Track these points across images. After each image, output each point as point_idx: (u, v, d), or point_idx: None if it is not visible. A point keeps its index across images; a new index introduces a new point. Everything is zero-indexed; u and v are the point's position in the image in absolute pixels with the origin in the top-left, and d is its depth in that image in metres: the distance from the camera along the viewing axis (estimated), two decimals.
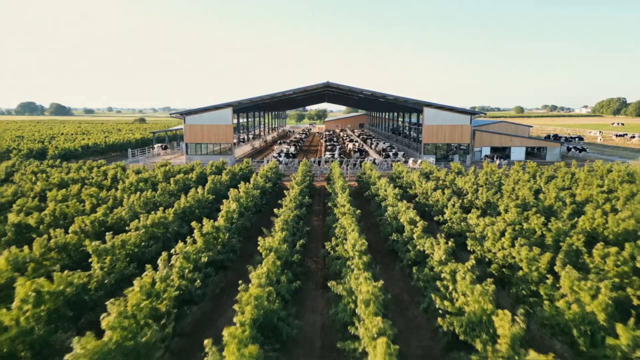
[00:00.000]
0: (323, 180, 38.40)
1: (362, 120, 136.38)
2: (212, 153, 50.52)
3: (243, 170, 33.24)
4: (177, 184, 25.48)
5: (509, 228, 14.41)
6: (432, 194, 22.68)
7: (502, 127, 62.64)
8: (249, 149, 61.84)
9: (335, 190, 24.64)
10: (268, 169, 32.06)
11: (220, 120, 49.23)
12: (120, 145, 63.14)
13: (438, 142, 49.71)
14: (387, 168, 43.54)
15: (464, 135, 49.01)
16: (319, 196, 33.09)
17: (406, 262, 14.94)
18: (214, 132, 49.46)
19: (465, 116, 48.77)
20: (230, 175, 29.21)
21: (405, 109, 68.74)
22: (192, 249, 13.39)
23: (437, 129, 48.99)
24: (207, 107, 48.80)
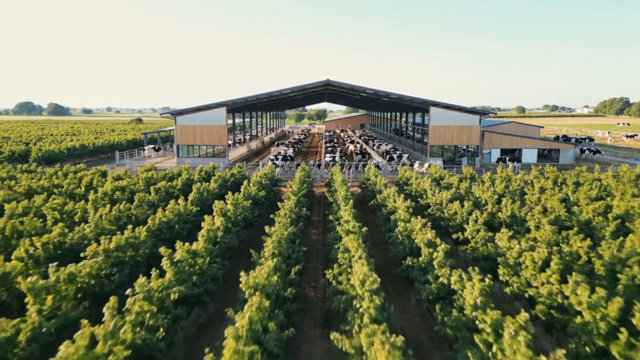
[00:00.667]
0: (323, 185, 35.66)
1: (363, 121, 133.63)
2: (205, 155, 47.76)
3: (235, 176, 30.49)
4: (158, 193, 22.70)
5: (555, 257, 11.62)
6: (448, 206, 19.92)
7: (511, 128, 59.92)
8: (244, 150, 59.10)
9: (337, 201, 21.90)
10: (262, 174, 29.32)
11: (214, 121, 46.46)
12: (109, 146, 60.35)
13: (445, 144, 46.95)
14: (391, 172, 40.80)
15: (473, 136, 46.25)
16: (319, 205, 30.36)
17: (426, 295, 12.18)
18: (207, 133, 46.70)
19: (474, 116, 46.03)
20: (220, 183, 26.46)
21: (409, 108, 66.01)
22: (158, 285, 10.64)
23: (444, 130, 46.23)
24: (199, 107, 46.05)
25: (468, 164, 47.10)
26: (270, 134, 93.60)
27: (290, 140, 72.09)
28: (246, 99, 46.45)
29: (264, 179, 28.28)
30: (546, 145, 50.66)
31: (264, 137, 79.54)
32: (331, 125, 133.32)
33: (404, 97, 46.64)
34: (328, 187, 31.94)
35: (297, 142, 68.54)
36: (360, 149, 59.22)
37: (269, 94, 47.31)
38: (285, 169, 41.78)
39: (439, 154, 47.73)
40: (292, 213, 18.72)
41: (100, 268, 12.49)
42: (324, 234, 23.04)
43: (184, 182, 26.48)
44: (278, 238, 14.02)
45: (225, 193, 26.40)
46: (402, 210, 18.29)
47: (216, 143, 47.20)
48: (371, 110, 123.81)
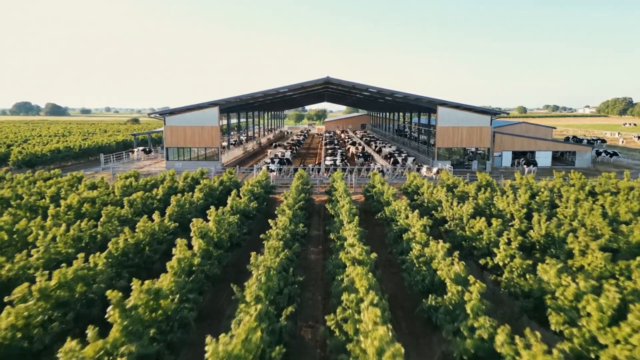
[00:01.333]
0: (323, 192, 32.79)
1: (364, 121, 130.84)
2: (197, 158, 44.87)
3: (225, 184, 27.62)
4: (133, 205, 19.83)
5: (635, 307, 8.74)
6: (470, 222, 17.05)
7: (522, 129, 57.09)
8: (240, 153, 56.24)
9: (340, 215, 19.07)
10: (255, 182, 26.46)
11: (206, 121, 43.60)
12: (97, 149, 57.45)
13: (454, 146, 44.08)
14: (398, 177, 37.93)
15: (484, 138, 43.39)
16: (319, 217, 27.55)
17: (458, 354, 9.30)
18: (198, 135, 43.83)
19: (484, 117, 43.17)
20: (206, 192, 23.60)
21: (414, 108, 63.21)
22: (96, 349, 7.79)
23: (452, 131, 43.37)
24: (190, 106, 43.19)
25: (478, 167, 44.23)
26: (268, 135, 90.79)
27: (288, 142, 69.24)
28: (240, 98, 43.60)
29: (256, 187, 25.43)
30: (561, 148, 47.79)
31: (261, 139, 76.68)
32: (331, 125, 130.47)
33: (409, 96, 43.81)
34: (329, 196, 29.15)
35: (295, 143, 65.69)
36: (362, 151, 56.39)
37: (265, 93, 44.49)
38: (282, 173, 38.91)
39: (446, 156, 44.88)
40: (287, 231, 15.87)
41: (30, 315, 9.61)
42: (324, 254, 20.25)
43: (166, 192, 23.59)
44: (265, 271, 11.15)
45: (212, 204, 23.59)
46: (418, 230, 15.43)
47: (208, 145, 44.34)
48: (372, 111, 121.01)
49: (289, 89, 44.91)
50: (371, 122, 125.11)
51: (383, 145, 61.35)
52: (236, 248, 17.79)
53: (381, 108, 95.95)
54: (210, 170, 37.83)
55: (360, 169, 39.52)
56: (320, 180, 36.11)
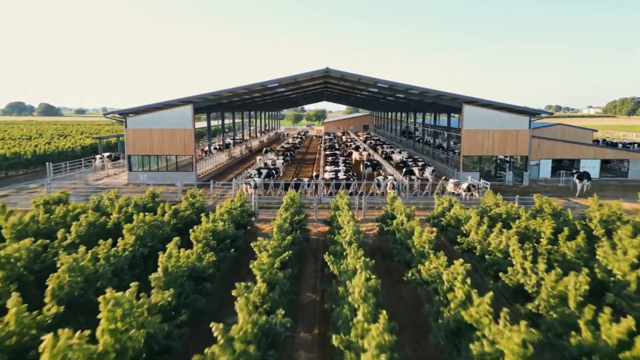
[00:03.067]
0: (322, 221, 25.14)
1: (367, 121, 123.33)
2: (166, 168, 37.13)
3: (184, 213, 19.95)
4: (32, 254, 12.16)
5: None
6: (585, 314, 9.32)
7: (557, 132, 49.50)
8: (223, 159, 48.50)
9: (348, 269, 11.64)
10: (224, 211, 18.83)
11: (177, 123, 35.92)
12: (57, 154, 49.74)
13: (483, 154, 36.40)
14: (414, 194, 30.21)
15: (521, 144, 35.77)
16: (314, 257, 19.84)
17: None
18: (168, 140, 36.14)
19: (522, 117, 35.55)
20: (144, 232, 15.89)
21: (430, 108, 55.52)
22: None
23: (482, 136, 35.73)
24: (157, 105, 35.51)
25: (515, 181, 36.54)
26: (261, 137, 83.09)
27: (282, 146, 61.53)
28: (218, 94, 35.90)
29: (224, 222, 17.78)
30: (611, 155, 40.12)
31: (252, 142, 68.93)
32: (331, 126, 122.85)
33: (428, 92, 36.11)
34: (329, 227, 21.54)
35: (290, 148, 57.95)
36: (367, 157, 48.68)
37: (249, 88, 36.78)
38: (270, 189, 31.16)
39: (472, 166, 37.18)
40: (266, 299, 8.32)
41: None
42: (322, 300, 12.75)
43: (83, 234, 15.90)
44: None
45: (151, 252, 15.98)
46: (483, 315, 7.75)
47: (180, 153, 36.61)
48: (375, 110, 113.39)
49: (279, 83, 37.24)
50: (374, 122, 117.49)
51: (392, 151, 53.64)
52: (190, 325, 10.14)
53: (385, 108, 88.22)
54: (178, 186, 30.20)
55: (369, 183, 31.80)
56: (318, 200, 28.46)
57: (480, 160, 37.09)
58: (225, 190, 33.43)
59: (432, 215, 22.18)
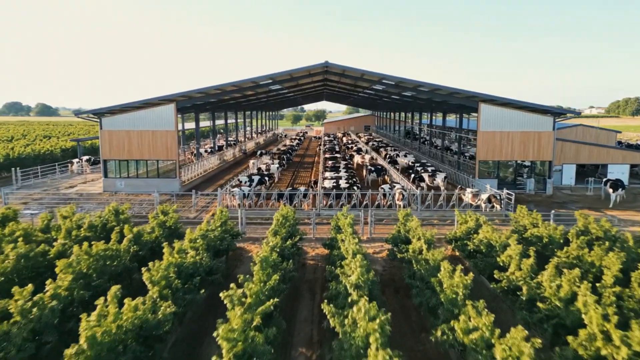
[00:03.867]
0: (321, 242, 21.54)
1: (368, 122, 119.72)
2: (146, 175, 33.44)
3: (150, 236, 16.30)
4: None
5: None
6: None
7: (578, 134, 45.83)
8: (214, 164, 44.80)
9: (355, 335, 7.98)
10: (204, 231, 15.20)
11: (158, 124, 32.27)
12: (35, 157, 46.07)
13: (502, 159, 32.72)
14: (428, 205, 26.51)
15: (544, 147, 32.13)
16: (311, 292, 16.16)
17: None
18: (148, 143, 32.47)
19: (545, 118, 31.91)
20: (102, 262, 12.26)
21: (438, 107, 51.84)
22: None
23: (500, 138, 32.09)
24: (135, 103, 31.83)
25: (536, 189, 32.88)
26: (258, 139, 79.38)
27: (278, 148, 57.85)
28: (204, 91, 32.19)
29: (199, 251, 14.15)
30: None
31: (246, 144, 65.22)
32: (331, 127, 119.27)
33: (440, 88, 32.40)
34: (329, 250, 17.96)
35: (287, 150, 54.24)
36: (371, 161, 45.02)
37: (238, 85, 33.08)
38: (261, 200, 27.45)
39: (490, 172, 33.52)
40: None
41: None
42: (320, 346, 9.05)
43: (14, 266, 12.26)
44: None
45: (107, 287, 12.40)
46: None
47: (161, 157, 32.92)
48: (376, 110, 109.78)
49: (272, 79, 33.54)
50: (376, 123, 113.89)
51: (397, 154, 49.93)
52: None
53: (387, 107, 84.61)
54: (154, 196, 26.55)
55: (374, 193, 28.14)
56: (316, 214, 24.82)
57: (499, 166, 33.39)
58: (211, 200, 29.79)
59: (453, 236, 18.53)
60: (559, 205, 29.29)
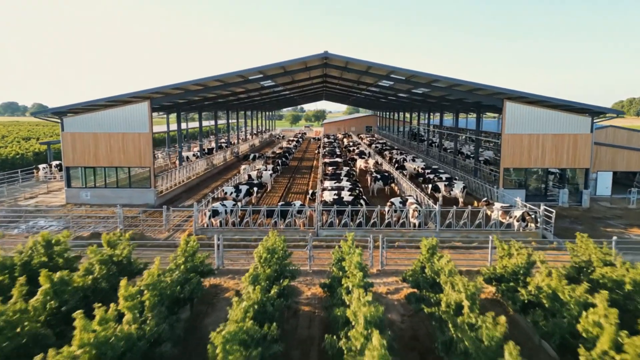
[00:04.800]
0: (319, 279, 17.22)
1: (370, 122, 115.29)
2: (116, 184, 29.06)
3: (85, 280, 11.95)
4: None
5: None
6: None
7: (608, 136, 41.51)
8: (200, 169, 40.42)
9: None
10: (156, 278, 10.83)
11: (129, 125, 27.97)
12: (2, 162, 41.75)
13: (531, 166, 28.38)
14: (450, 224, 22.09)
15: (580, 152, 27.84)
16: (304, 354, 11.74)
17: None
18: (118, 147, 28.15)
19: (582, 118, 27.61)
20: None
21: (449, 106, 47.48)
22: None
23: (529, 142, 27.78)
24: (102, 101, 27.45)
25: (571, 201, 28.55)
26: (253, 140, 75.00)
27: (274, 151, 53.44)
28: (183, 86, 27.80)
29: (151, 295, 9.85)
30: None
31: (240, 146, 60.82)
32: (331, 127, 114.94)
33: (460, 84, 27.93)
34: (329, 295, 13.79)
35: (283, 154, 49.87)
36: (375, 167, 40.66)
37: (224, 79, 28.63)
38: (247, 218, 23.01)
39: (515, 181, 29.17)
40: None
41: None
42: None
43: None
44: None
45: None
46: None
47: (133, 164, 28.57)
48: (378, 110, 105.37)
49: (263, 73, 29.13)
50: (378, 123, 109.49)
51: (404, 158, 45.57)
52: None
53: (390, 107, 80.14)
54: (117, 213, 22.26)
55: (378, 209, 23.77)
56: (314, 237, 20.49)
57: (526, 175, 29.02)
58: (189, 215, 25.40)
59: (492, 273, 14.18)
60: (600, 222, 24.97)
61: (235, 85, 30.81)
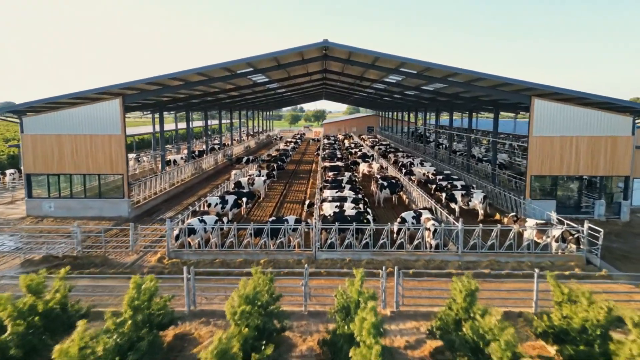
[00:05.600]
0: (316, 317, 13.54)
1: (371, 123, 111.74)
2: (84, 194, 25.46)
3: None
4: None
5: None
6: None
7: None
8: (186, 175, 36.83)
9: None
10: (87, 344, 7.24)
11: (98, 126, 24.44)
12: None
13: (563, 173, 24.81)
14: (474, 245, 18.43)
15: (620, 157, 24.33)
16: None
17: None
18: (86, 151, 24.61)
19: (621, 118, 24.10)
20: None
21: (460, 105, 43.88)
22: None
23: (561, 146, 24.24)
24: (64, 97, 23.83)
25: (607, 214, 24.99)
26: (248, 142, 71.38)
27: (270, 154, 49.84)
28: (159, 81, 24.17)
29: None
30: None
31: (233, 148, 57.19)
32: (331, 128, 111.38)
33: (483, 77, 24.10)
34: (330, 357, 10.10)
35: (278, 157, 46.29)
36: (380, 172, 37.11)
37: (206, 73, 24.97)
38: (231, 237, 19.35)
39: (543, 191, 25.59)
40: None
41: None
42: None
43: None
44: None
45: None
46: None
47: (104, 171, 24.97)
48: (380, 110, 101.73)
49: (253, 66, 25.41)
50: (380, 124, 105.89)
51: (411, 161, 41.98)
52: None
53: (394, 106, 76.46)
54: (74, 232, 18.72)
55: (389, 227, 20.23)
56: (310, 258, 16.96)
57: (557, 183, 25.41)
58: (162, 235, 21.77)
59: (548, 327, 10.61)
60: None
61: (222, 81, 27.21)
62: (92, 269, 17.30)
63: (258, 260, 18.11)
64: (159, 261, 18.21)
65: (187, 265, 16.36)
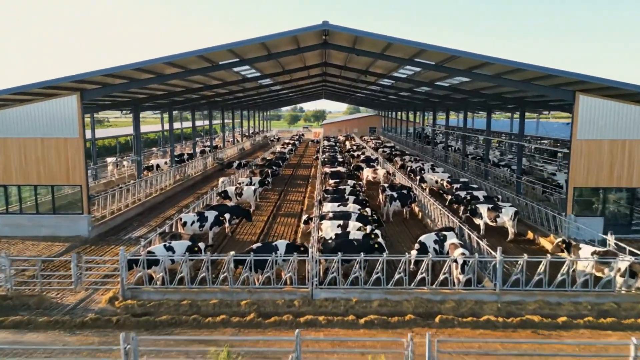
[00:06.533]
0: None
1: (373, 123, 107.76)
2: (36, 209, 21.42)
3: None
4: None
5: None
6: None
7: None
8: (166, 183, 32.82)
9: None
10: None
11: (50, 128, 20.46)
12: None
13: (614, 185, 20.78)
14: (517, 281, 14.39)
15: None
16: None
17: None
18: (36, 158, 20.62)
19: None
20: None
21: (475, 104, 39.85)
22: None
23: (611, 152, 20.25)
24: (7, 92, 19.76)
25: None
26: (242, 144, 67.34)
27: (264, 157, 45.83)
28: (120, 73, 20.08)
29: None
30: None
31: (225, 150, 53.13)
32: (332, 129, 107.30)
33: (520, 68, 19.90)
34: None
35: (273, 161, 42.26)
36: (387, 178, 33.15)
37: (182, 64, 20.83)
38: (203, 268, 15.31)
39: (585, 203, 21.56)
40: None
41: None
42: None
43: None
44: None
45: None
46: None
47: (59, 182, 20.96)
48: (382, 110, 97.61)
49: (236, 53, 21.22)
50: (382, 124, 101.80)
51: (420, 166, 37.98)
52: None
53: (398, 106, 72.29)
54: (1, 264, 14.71)
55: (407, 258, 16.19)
56: (306, 298, 13.02)
57: (605, 197, 21.36)
58: None
59: None
60: None
61: (202, 74, 23.17)
62: (19, 316, 13.33)
63: (238, 301, 14.14)
64: (109, 302, 14.19)
65: (141, 312, 12.39)
